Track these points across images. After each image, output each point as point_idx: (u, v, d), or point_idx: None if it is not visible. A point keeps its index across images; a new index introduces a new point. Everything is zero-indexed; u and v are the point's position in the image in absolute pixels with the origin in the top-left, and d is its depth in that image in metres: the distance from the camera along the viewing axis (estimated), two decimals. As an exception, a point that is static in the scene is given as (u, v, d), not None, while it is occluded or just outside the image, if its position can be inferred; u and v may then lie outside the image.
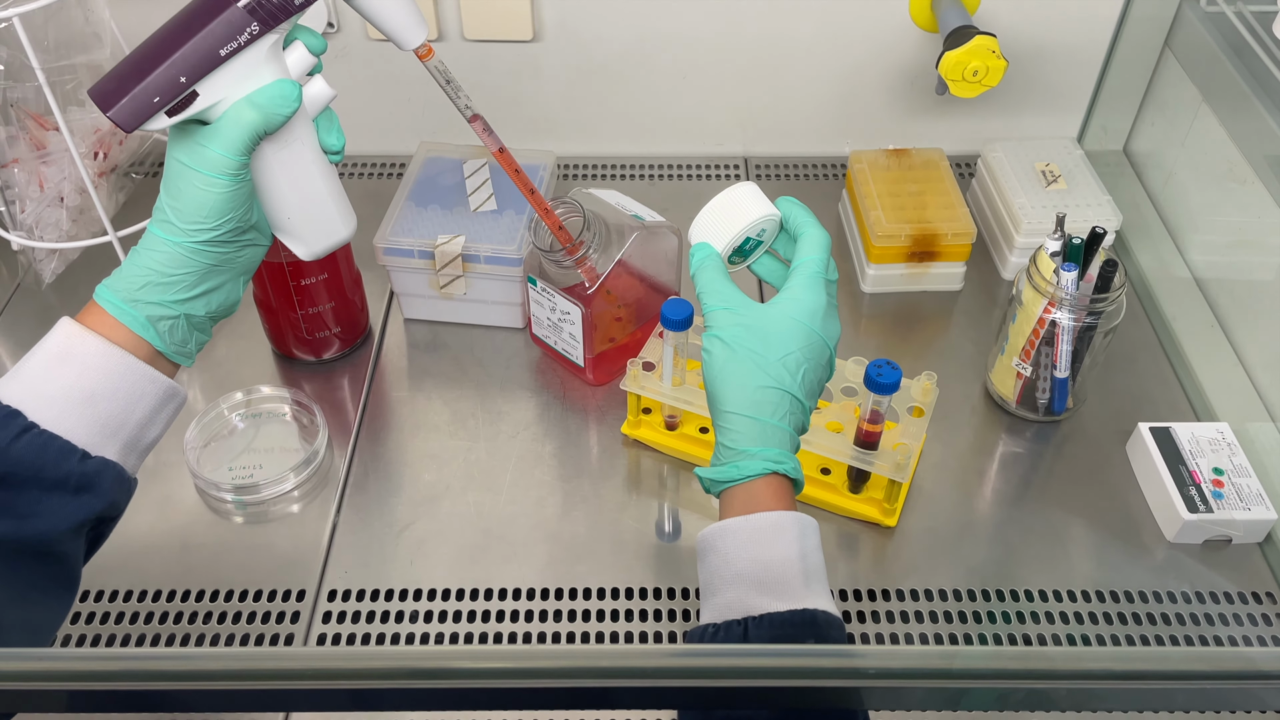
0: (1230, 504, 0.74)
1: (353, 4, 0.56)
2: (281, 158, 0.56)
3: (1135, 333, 0.91)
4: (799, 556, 0.54)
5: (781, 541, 0.54)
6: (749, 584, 0.53)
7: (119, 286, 0.55)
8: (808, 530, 0.55)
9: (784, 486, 0.56)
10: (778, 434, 0.56)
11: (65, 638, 0.69)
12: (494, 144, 0.68)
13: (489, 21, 0.98)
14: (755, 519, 0.54)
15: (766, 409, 0.56)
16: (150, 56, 0.51)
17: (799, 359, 0.57)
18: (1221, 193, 0.90)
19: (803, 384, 0.57)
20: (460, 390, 0.85)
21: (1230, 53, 0.90)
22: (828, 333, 0.59)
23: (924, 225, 0.91)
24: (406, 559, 0.74)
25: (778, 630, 0.51)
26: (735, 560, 0.54)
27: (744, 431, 0.56)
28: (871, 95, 1.05)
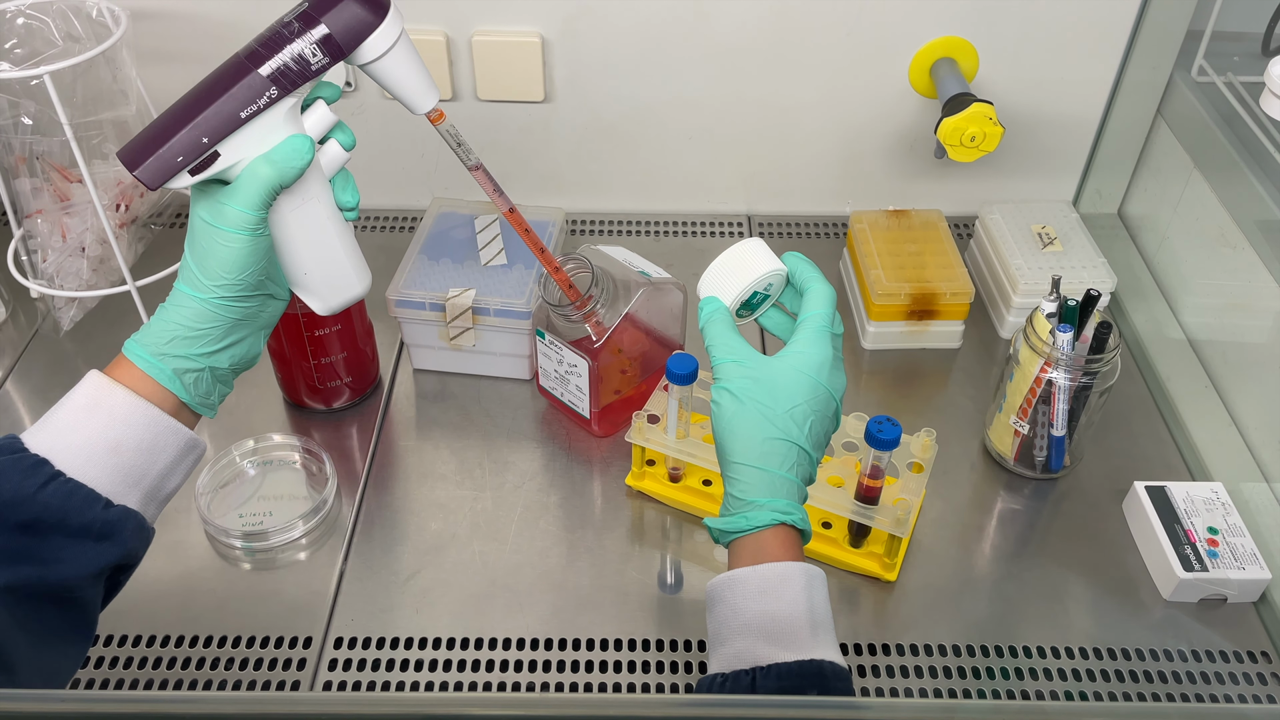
0: (1225, 563, 0.75)
1: (368, 71, 0.58)
2: (299, 215, 0.58)
3: (1131, 392, 0.93)
4: (806, 607, 0.54)
5: (789, 592, 0.55)
6: (757, 634, 0.54)
7: (147, 341, 0.57)
8: (815, 581, 0.56)
9: (792, 537, 0.57)
10: (786, 485, 0.58)
11: (74, 682, 0.70)
12: (504, 204, 0.70)
13: (502, 83, 1.01)
14: (763, 569, 0.55)
15: (774, 460, 0.58)
16: (175, 119, 0.54)
17: (806, 411, 0.58)
18: (1213, 257, 0.93)
19: (810, 436, 0.59)
20: (467, 440, 0.87)
21: (1220, 121, 0.93)
22: (833, 385, 0.60)
23: (923, 284, 0.93)
24: (412, 608, 0.75)
25: (785, 681, 0.52)
26: (743, 611, 0.55)
27: (752, 482, 0.57)
28: (872, 158, 1.08)
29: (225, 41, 1.06)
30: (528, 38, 0.99)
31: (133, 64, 0.89)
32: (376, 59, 0.57)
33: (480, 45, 0.99)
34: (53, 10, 0.87)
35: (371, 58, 0.57)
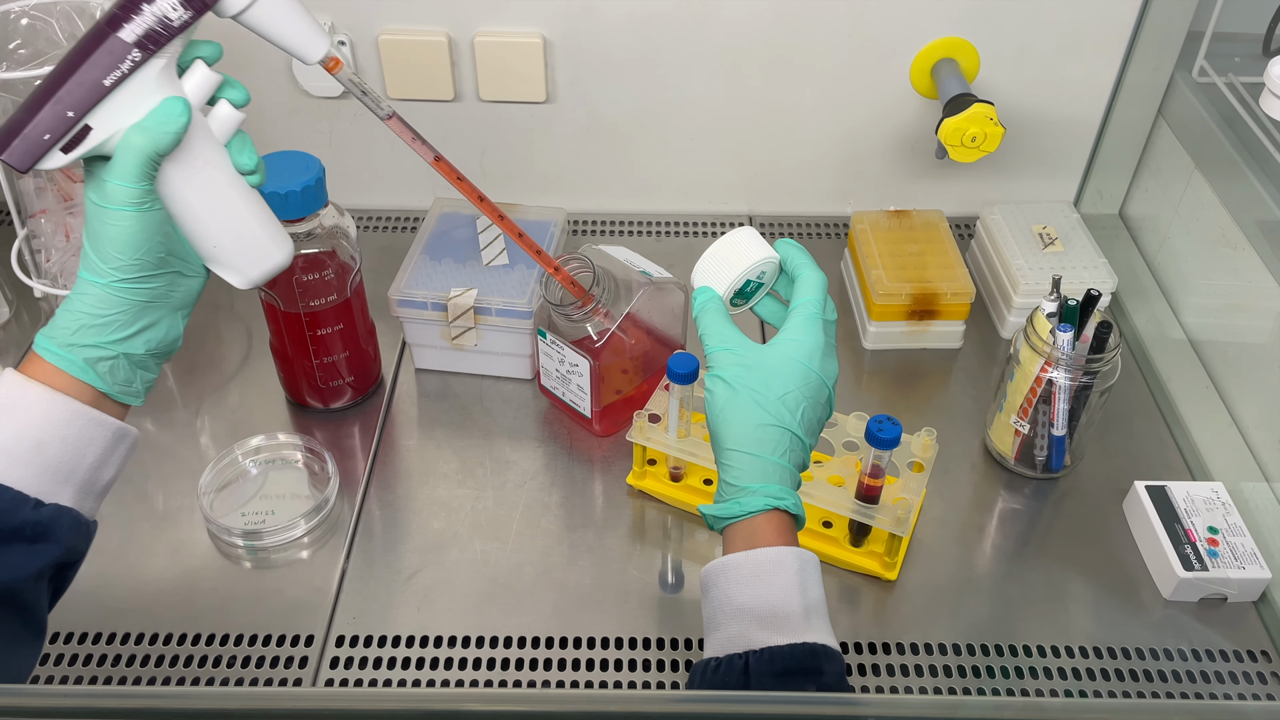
0: (1225, 563, 0.75)
1: (245, 24, 0.54)
2: (193, 184, 0.54)
3: (1131, 393, 0.93)
4: (799, 591, 0.55)
5: (782, 577, 0.55)
6: (750, 619, 0.54)
7: (54, 333, 0.55)
8: (808, 566, 0.57)
9: (785, 522, 0.58)
10: (779, 471, 0.58)
11: (76, 679, 0.70)
12: (428, 153, 0.66)
13: (504, 84, 1.02)
14: (756, 554, 0.56)
15: (767, 446, 0.58)
16: (39, 96, 0.51)
17: (798, 398, 0.59)
18: (1214, 257, 0.93)
19: (802, 422, 0.59)
20: (469, 439, 0.87)
21: (1221, 122, 0.93)
22: (826, 372, 0.60)
23: (924, 285, 0.93)
24: (413, 606, 0.75)
25: (778, 663, 0.52)
26: (737, 595, 0.55)
27: (745, 468, 0.58)
28: (873, 158, 1.08)
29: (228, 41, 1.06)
30: (529, 38, 0.99)
31: (136, 64, 0.90)
32: (245, 9, 0.53)
33: (482, 46, 0.99)
34: (56, 11, 0.87)
35: (240, 8, 0.53)
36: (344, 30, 1.00)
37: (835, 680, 0.54)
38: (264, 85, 1.03)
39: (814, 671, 0.53)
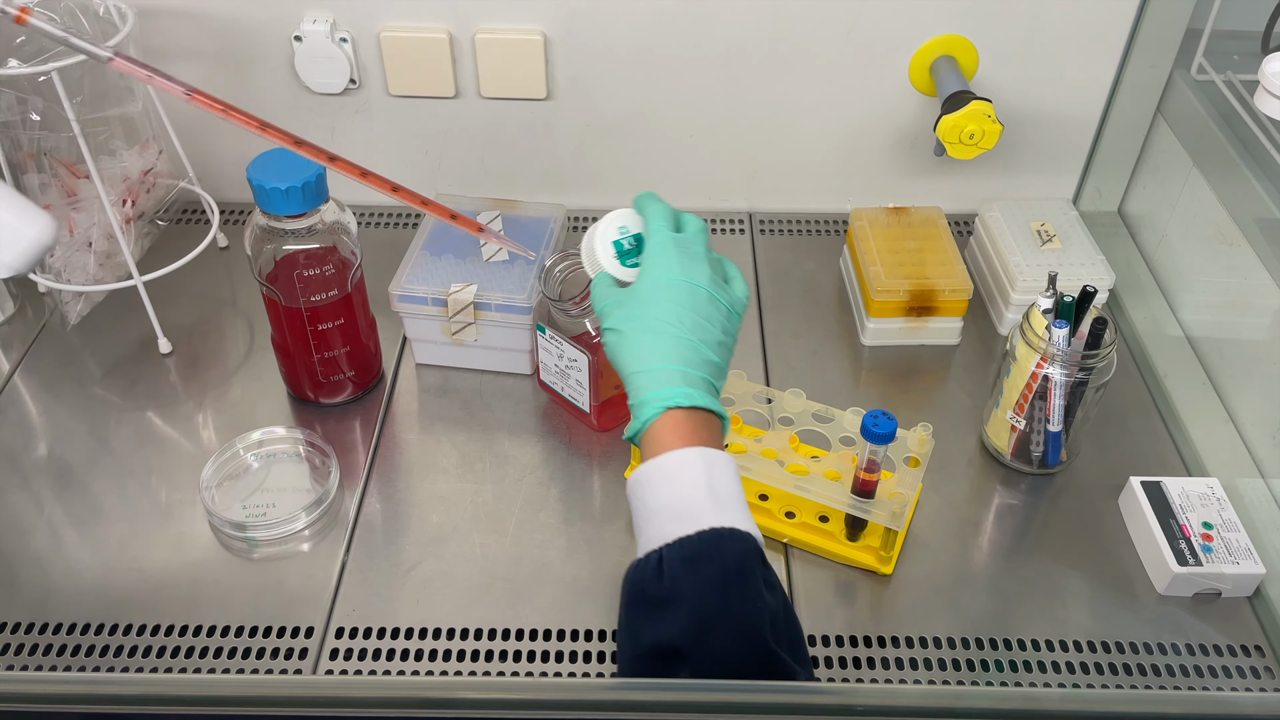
0: (1219, 558, 0.75)
1: None
2: None
3: (1128, 389, 0.93)
4: (706, 486, 0.57)
5: (687, 474, 0.58)
6: (664, 517, 0.57)
7: None
8: (716, 462, 0.59)
9: (684, 421, 0.60)
10: (668, 375, 0.61)
11: (79, 669, 0.71)
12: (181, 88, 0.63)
13: (505, 80, 1.02)
14: (661, 460, 0.59)
15: (653, 359, 0.61)
16: None
17: (671, 308, 0.62)
18: (1212, 254, 0.93)
19: (683, 324, 0.62)
20: (469, 434, 0.88)
21: (1219, 120, 0.93)
22: (693, 277, 0.63)
23: (922, 281, 0.93)
24: (413, 598, 0.76)
25: (686, 550, 0.56)
26: (650, 499, 0.59)
27: (638, 385, 0.61)
28: (872, 155, 1.09)
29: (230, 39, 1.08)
30: (530, 35, 1.00)
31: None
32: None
33: (483, 43, 1.00)
34: (60, 8, 0.88)
35: None
36: (346, 28, 1.00)
37: (737, 559, 0.56)
38: (266, 82, 1.04)
39: (717, 553, 0.56)
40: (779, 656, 0.54)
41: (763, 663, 0.54)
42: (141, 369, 0.93)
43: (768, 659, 0.54)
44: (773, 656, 0.54)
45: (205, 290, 1.02)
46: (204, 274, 1.01)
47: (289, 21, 1.00)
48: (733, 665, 0.53)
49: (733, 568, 0.55)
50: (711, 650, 0.53)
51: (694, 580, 0.55)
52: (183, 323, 0.97)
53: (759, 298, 1.02)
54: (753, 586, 0.55)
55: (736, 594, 0.55)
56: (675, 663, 0.54)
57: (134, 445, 0.87)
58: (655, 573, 0.56)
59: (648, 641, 0.55)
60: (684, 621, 0.54)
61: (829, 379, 0.94)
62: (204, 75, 1.04)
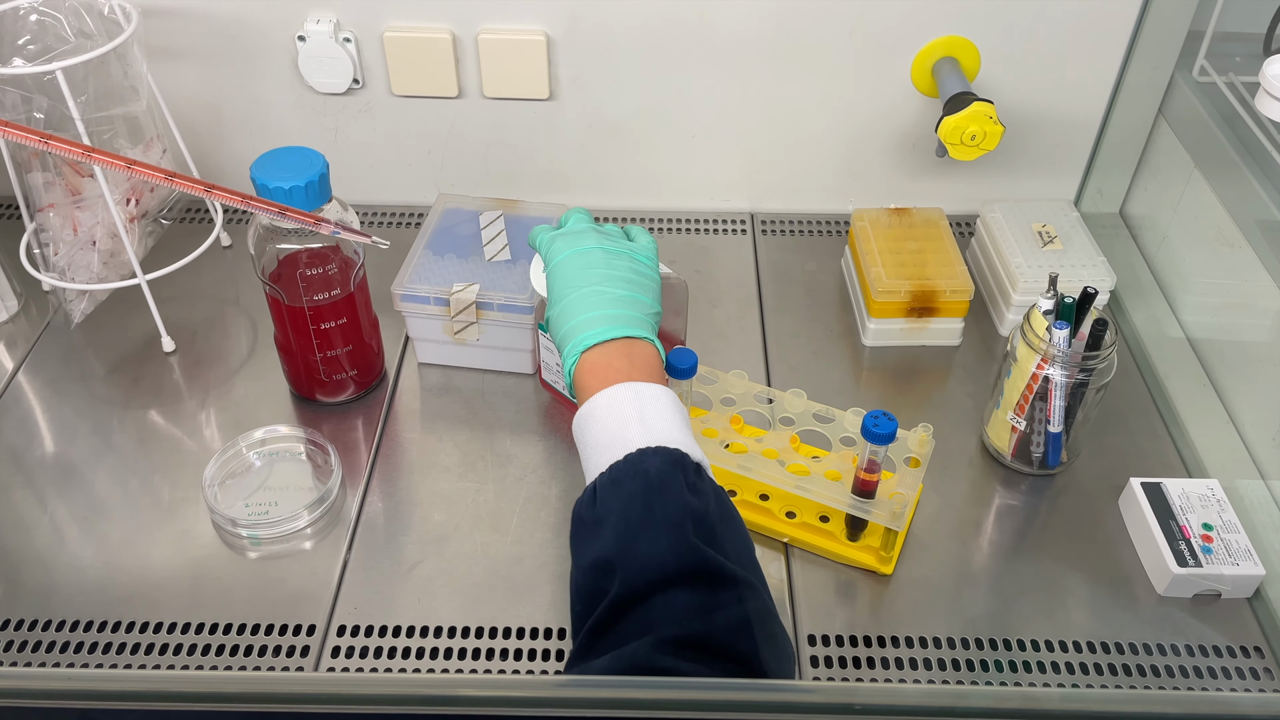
0: (1219, 559, 0.75)
1: None
2: None
3: (1129, 390, 0.93)
4: (636, 416, 0.61)
5: (616, 409, 0.61)
6: (599, 450, 0.61)
7: None
8: (645, 393, 0.62)
9: (600, 359, 0.64)
10: (575, 326, 0.66)
11: (81, 666, 0.71)
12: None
13: (507, 81, 1.03)
14: (594, 399, 0.62)
15: (563, 323, 0.67)
16: None
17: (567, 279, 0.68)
18: (1213, 256, 0.93)
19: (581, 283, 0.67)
20: (470, 433, 0.88)
21: (1221, 121, 0.94)
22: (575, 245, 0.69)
23: (923, 282, 0.94)
24: (414, 597, 0.76)
25: (615, 474, 0.58)
26: (588, 437, 0.62)
27: (559, 344, 0.67)
28: (874, 156, 1.09)
29: (234, 39, 1.08)
30: (533, 36, 1.00)
31: (143, 60, 0.91)
32: None
33: (486, 43, 1.00)
34: (65, 7, 0.89)
35: None
36: (349, 28, 1.00)
37: (659, 470, 0.58)
38: (270, 81, 1.04)
39: (640, 470, 0.58)
40: (702, 552, 0.54)
41: (684, 561, 0.54)
42: (145, 367, 0.94)
43: (689, 555, 0.54)
44: (695, 552, 0.54)
45: (208, 289, 1.02)
46: (207, 273, 1.02)
47: (293, 21, 1.00)
48: (655, 566, 0.54)
49: (655, 479, 0.57)
50: (636, 554, 0.55)
51: (619, 496, 0.57)
52: (186, 321, 0.98)
53: (760, 298, 1.02)
54: (674, 491, 0.57)
55: (657, 500, 0.56)
56: (607, 575, 0.55)
57: (137, 443, 0.87)
58: (590, 500, 0.59)
59: (584, 562, 0.57)
60: (611, 535, 0.56)
61: (830, 379, 0.94)
62: (208, 75, 1.04)
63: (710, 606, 0.53)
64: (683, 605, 0.53)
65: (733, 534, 0.58)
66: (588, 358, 0.64)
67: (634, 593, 0.54)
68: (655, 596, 0.53)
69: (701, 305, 1.00)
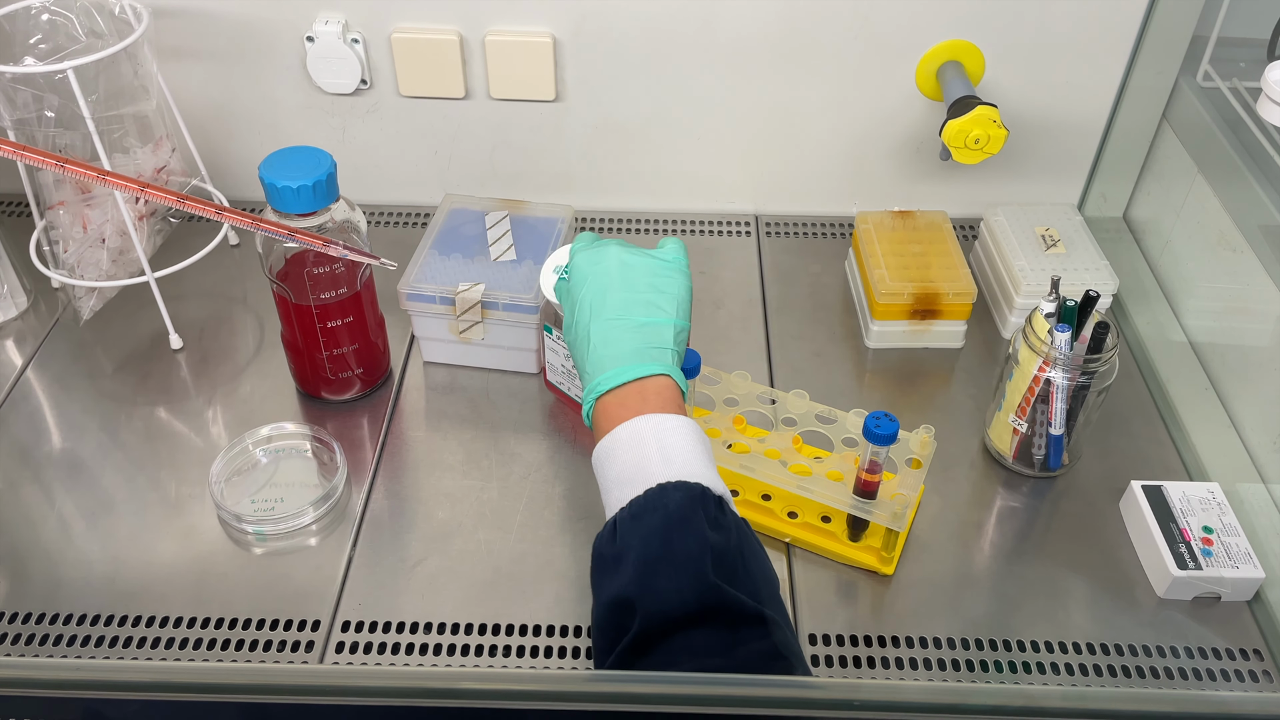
0: (1219, 562, 0.75)
1: None
2: None
3: (1131, 393, 0.93)
4: (656, 449, 0.60)
5: (636, 443, 0.61)
6: (620, 485, 0.60)
7: None
8: (665, 427, 0.61)
9: (624, 398, 0.64)
10: (598, 362, 0.65)
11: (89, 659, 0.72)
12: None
13: (514, 82, 1.03)
14: (614, 433, 0.62)
15: (581, 359, 0.67)
16: None
17: (586, 304, 0.68)
18: (1215, 261, 0.94)
19: (599, 312, 0.67)
20: (475, 432, 0.89)
21: (1224, 126, 0.94)
22: (598, 266, 0.69)
23: (927, 284, 0.94)
24: (418, 593, 0.76)
25: (635, 509, 0.58)
26: (609, 472, 0.62)
27: (585, 369, 0.67)
28: (878, 159, 1.09)
29: (243, 39, 1.09)
30: (540, 38, 1.00)
31: (154, 60, 0.92)
32: None
33: (493, 45, 1.01)
34: (76, 6, 0.89)
35: None
36: (357, 28, 1.01)
37: (679, 505, 0.57)
38: (278, 81, 1.05)
39: (660, 505, 0.58)
40: (722, 591, 0.54)
41: (704, 598, 0.54)
42: (153, 364, 0.94)
43: (709, 593, 0.54)
44: (715, 591, 0.54)
45: (216, 287, 1.03)
46: (215, 271, 1.02)
47: (301, 22, 1.01)
48: (675, 604, 0.54)
49: (675, 514, 0.57)
50: (655, 592, 0.55)
51: (639, 532, 0.57)
52: (194, 319, 0.98)
53: (764, 299, 1.03)
54: (694, 527, 0.56)
55: (677, 536, 0.56)
56: (627, 613, 0.55)
57: (144, 440, 0.88)
58: (610, 535, 0.59)
59: (604, 599, 0.57)
60: (631, 572, 0.56)
61: (833, 380, 0.94)
62: (217, 74, 1.05)
63: (731, 644, 0.53)
64: (703, 644, 0.53)
65: (755, 568, 0.58)
66: (603, 400, 0.64)
67: (654, 631, 0.54)
68: (675, 636, 0.53)
69: (705, 306, 1.01)
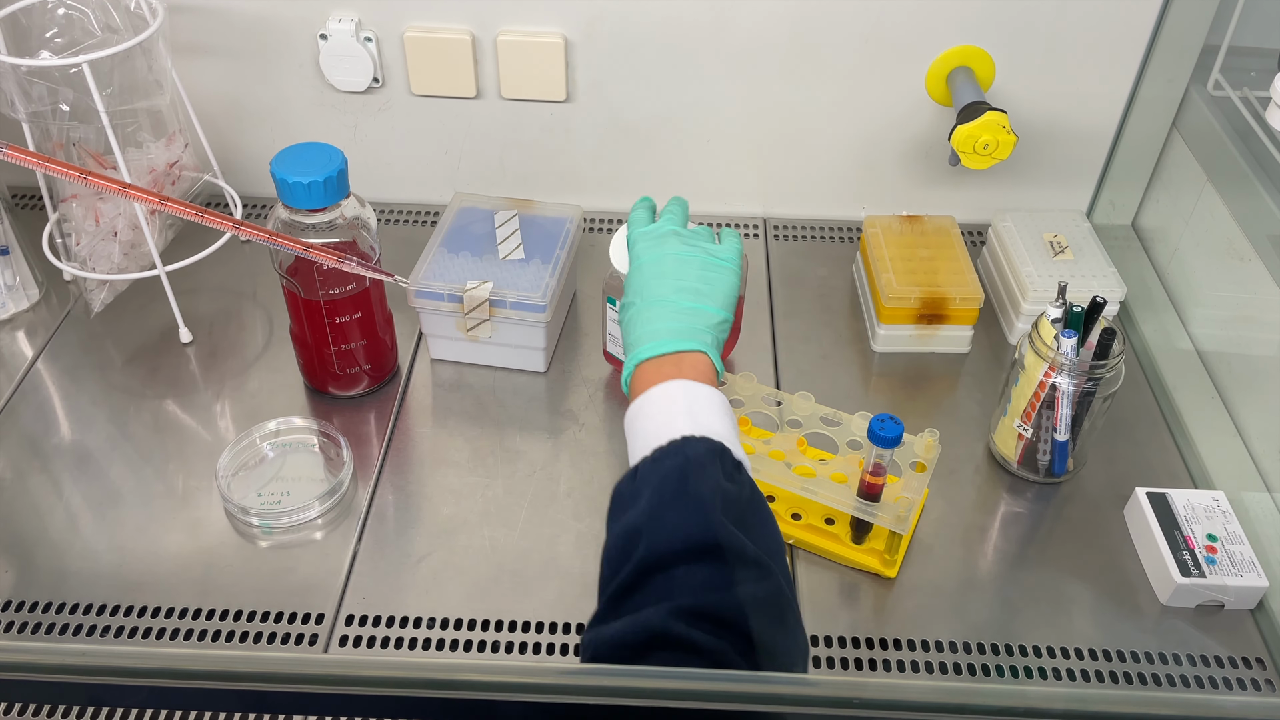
0: (1223, 570, 0.75)
1: None
2: None
3: (1137, 400, 0.93)
4: (685, 410, 0.62)
5: (666, 404, 0.63)
6: (647, 440, 0.62)
7: None
8: (696, 393, 0.63)
9: (665, 365, 0.66)
10: (650, 333, 0.68)
11: (94, 649, 0.72)
12: None
13: (525, 82, 1.04)
14: (647, 394, 0.64)
15: (629, 333, 0.69)
16: None
17: (637, 285, 0.70)
18: (1223, 269, 0.94)
19: (649, 295, 0.69)
20: (481, 429, 0.89)
21: (1234, 135, 0.94)
22: (657, 251, 0.71)
23: (934, 289, 0.94)
24: (422, 588, 0.77)
25: (657, 454, 0.60)
26: (638, 428, 0.64)
27: (629, 346, 0.69)
28: (887, 163, 1.09)
29: (257, 36, 1.09)
30: (551, 39, 1.01)
31: (168, 55, 0.92)
32: None
33: (505, 45, 1.01)
34: (92, 1, 0.90)
35: None
36: (370, 27, 1.02)
37: (699, 453, 0.59)
38: (291, 79, 1.06)
39: (681, 450, 0.59)
40: (728, 530, 0.55)
41: (709, 535, 0.55)
42: (162, 358, 0.95)
43: (715, 530, 0.55)
44: (723, 529, 0.55)
45: (226, 282, 1.03)
46: (225, 266, 1.03)
47: (315, 20, 1.02)
48: (679, 536, 0.55)
49: (694, 459, 0.58)
50: (663, 523, 0.56)
51: (658, 472, 0.58)
52: (203, 313, 0.99)
53: (771, 302, 1.03)
54: (710, 473, 0.58)
55: (693, 477, 0.57)
56: (635, 541, 0.56)
57: (152, 432, 0.88)
58: (630, 478, 0.60)
59: (616, 530, 0.58)
60: (643, 505, 0.57)
61: (839, 384, 0.95)
62: (230, 71, 1.06)
63: (729, 582, 0.54)
64: (703, 578, 0.54)
65: (762, 525, 0.59)
66: (642, 368, 0.67)
67: (658, 560, 0.55)
68: (678, 567, 0.54)
69: (712, 308, 1.01)
